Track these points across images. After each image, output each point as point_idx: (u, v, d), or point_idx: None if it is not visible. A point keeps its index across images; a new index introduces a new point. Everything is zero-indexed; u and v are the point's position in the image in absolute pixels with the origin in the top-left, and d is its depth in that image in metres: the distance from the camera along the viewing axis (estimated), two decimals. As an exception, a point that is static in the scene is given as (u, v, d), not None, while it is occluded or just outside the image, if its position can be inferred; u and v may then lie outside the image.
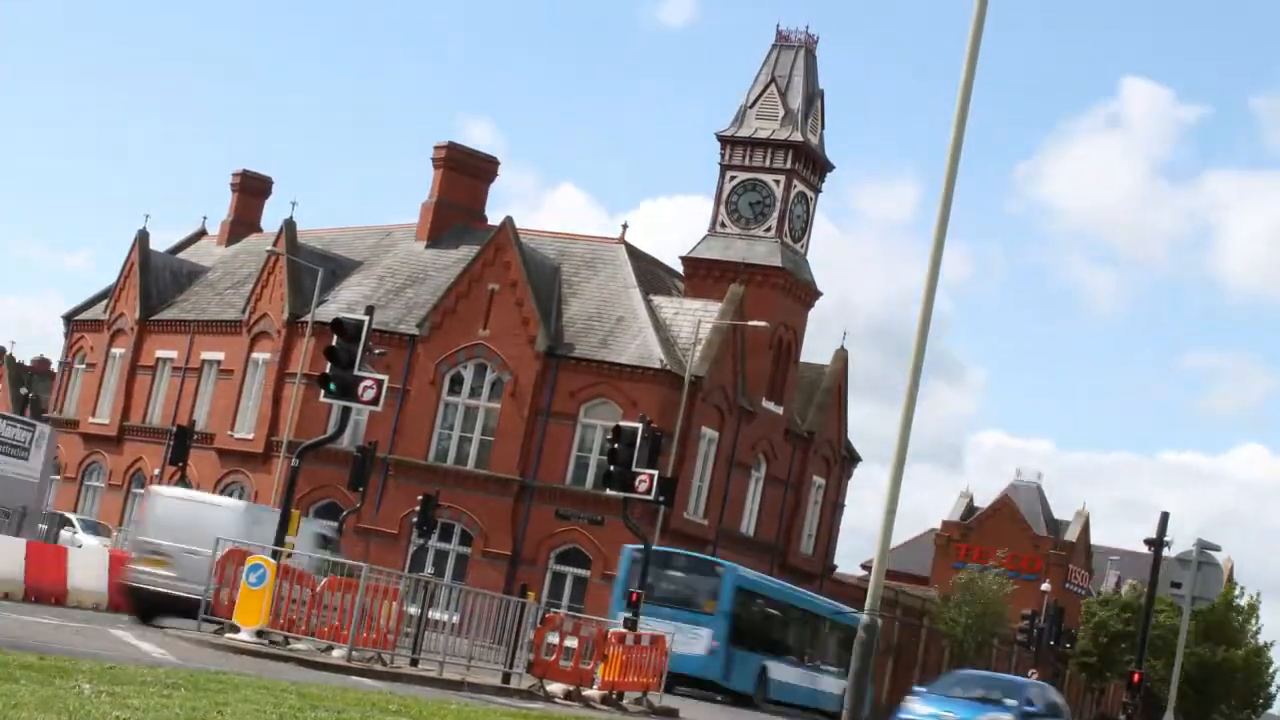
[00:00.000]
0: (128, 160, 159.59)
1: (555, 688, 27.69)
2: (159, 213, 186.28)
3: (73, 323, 72.38)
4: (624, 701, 29.51)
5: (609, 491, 35.30)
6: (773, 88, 60.01)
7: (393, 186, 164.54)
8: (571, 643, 28.38)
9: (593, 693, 28.62)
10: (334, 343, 25.81)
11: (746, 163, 59.50)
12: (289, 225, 61.49)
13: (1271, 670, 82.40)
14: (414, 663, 26.40)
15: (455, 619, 28.28)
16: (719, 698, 41.46)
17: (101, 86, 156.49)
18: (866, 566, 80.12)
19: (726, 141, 59.95)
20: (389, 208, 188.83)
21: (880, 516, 17.68)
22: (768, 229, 58.97)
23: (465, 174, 64.12)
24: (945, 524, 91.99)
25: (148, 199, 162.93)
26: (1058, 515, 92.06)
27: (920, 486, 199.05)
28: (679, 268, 60.51)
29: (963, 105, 17.39)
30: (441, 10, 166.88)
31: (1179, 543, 40.98)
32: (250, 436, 60.35)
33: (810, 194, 60.65)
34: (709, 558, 46.06)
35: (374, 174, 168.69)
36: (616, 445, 33.24)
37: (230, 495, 60.68)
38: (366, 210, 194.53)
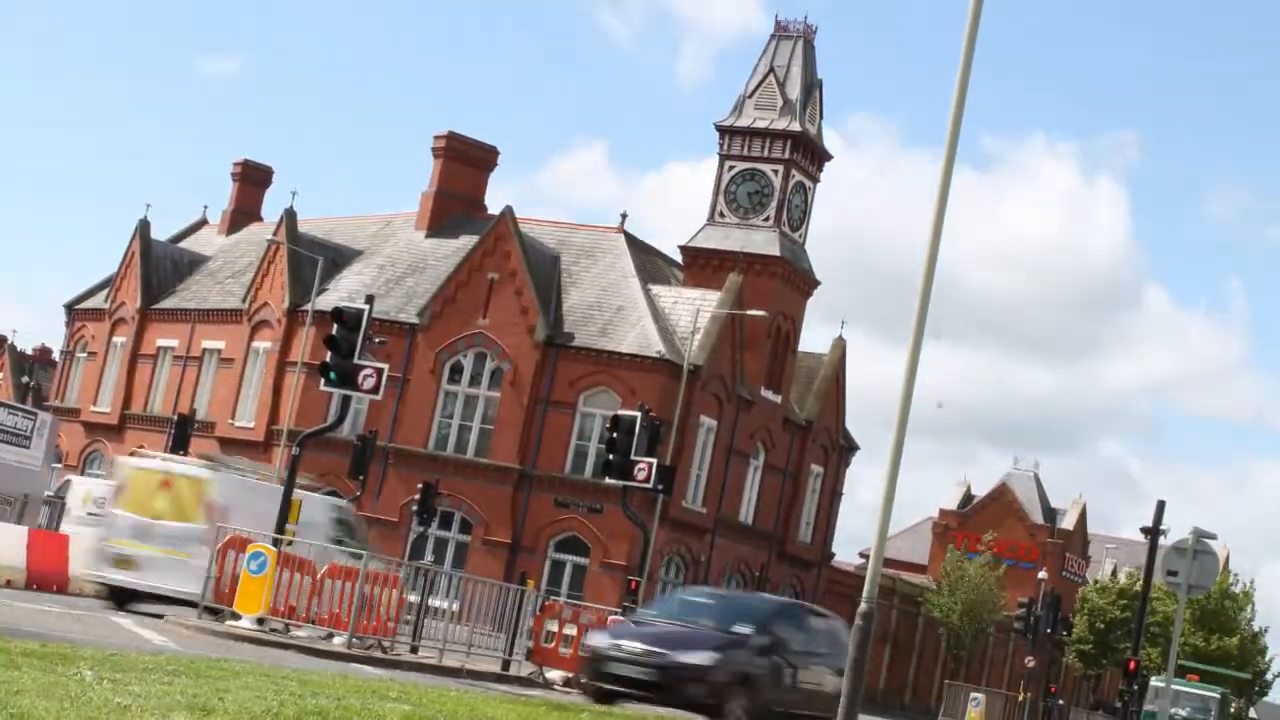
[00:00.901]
0: (129, 149, 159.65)
1: (554, 675, 27.85)
2: (160, 202, 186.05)
3: (74, 311, 72.49)
4: (623, 688, 29.66)
5: (608, 480, 35.46)
6: (771, 78, 60.07)
7: (393, 176, 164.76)
8: (571, 630, 28.56)
9: (592, 680, 28.78)
10: (334, 331, 25.94)
11: (745, 152, 59.57)
12: (289, 214, 61.59)
13: (1268, 658, 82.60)
14: (414, 650, 26.57)
15: (455, 606, 28.42)
16: None
17: (103, 76, 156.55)
18: (864, 554, 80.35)
19: (725, 131, 60.01)
20: (389, 197, 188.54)
21: (880, 504, 17.75)
22: (766, 218, 59.06)
23: (465, 163, 64.18)
24: (943, 512, 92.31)
25: (149, 188, 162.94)
26: (1054, 504, 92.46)
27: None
28: (678, 257, 60.60)
29: (961, 95, 17.46)
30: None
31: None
32: (251, 425, 60.49)
33: (809, 184, 60.72)
34: None
35: (374, 163, 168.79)
36: (615, 434, 33.38)
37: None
38: (366, 199, 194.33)
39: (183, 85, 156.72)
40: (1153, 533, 42.25)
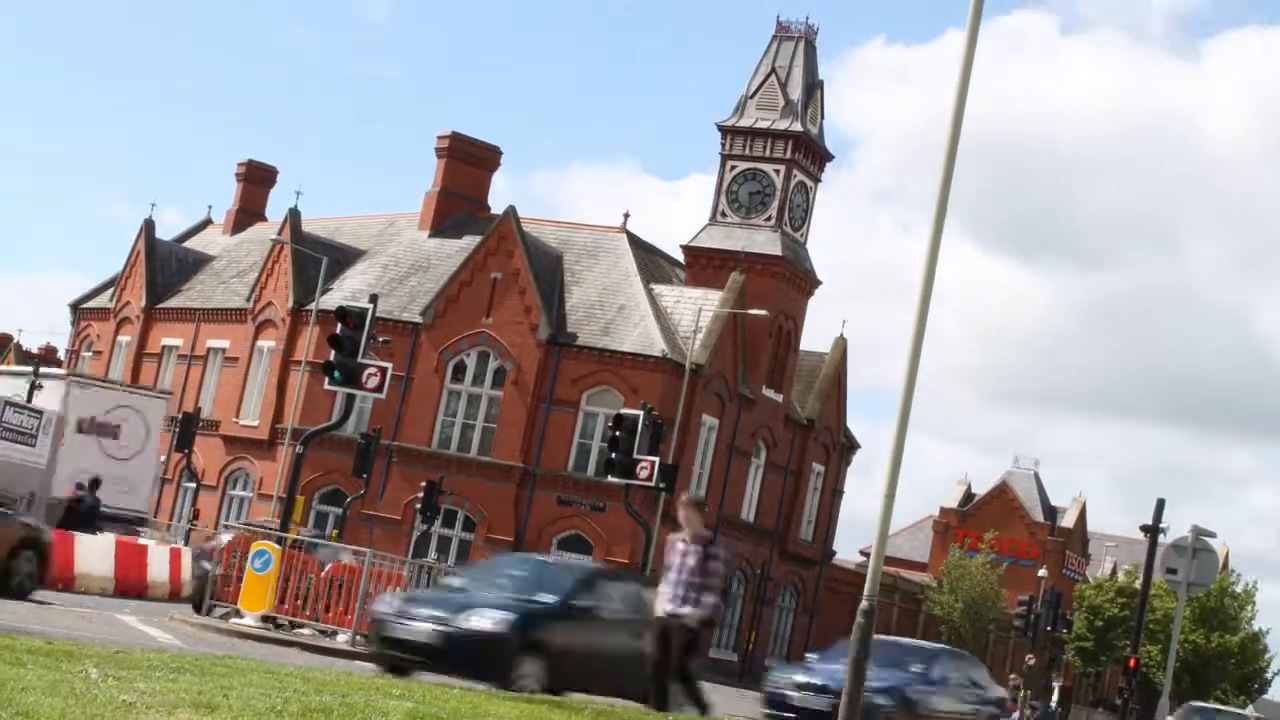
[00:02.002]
0: (134, 149, 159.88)
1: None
2: (165, 202, 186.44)
3: (79, 311, 72.67)
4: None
5: (611, 478, 35.70)
6: (773, 78, 60.25)
7: (396, 176, 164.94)
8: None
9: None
10: (338, 330, 26.12)
11: (747, 152, 59.75)
12: (294, 214, 61.75)
13: (1267, 656, 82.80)
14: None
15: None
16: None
17: (108, 76, 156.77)
18: (865, 552, 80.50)
19: (727, 131, 60.18)
20: (392, 197, 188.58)
21: (880, 502, 17.87)
22: (768, 218, 59.24)
23: (468, 163, 64.32)
24: (943, 510, 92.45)
25: (154, 188, 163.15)
26: (1055, 502, 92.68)
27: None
28: (680, 256, 60.78)
29: (961, 91, 17.58)
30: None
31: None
32: (255, 424, 60.67)
33: (810, 183, 60.89)
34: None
35: (378, 163, 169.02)
36: (618, 432, 33.60)
37: (236, 482, 61.02)
38: (370, 199, 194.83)
39: (188, 83, 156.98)
40: (1152, 531, 42.35)
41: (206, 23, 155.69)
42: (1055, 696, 67.13)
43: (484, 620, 18.27)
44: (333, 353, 26.15)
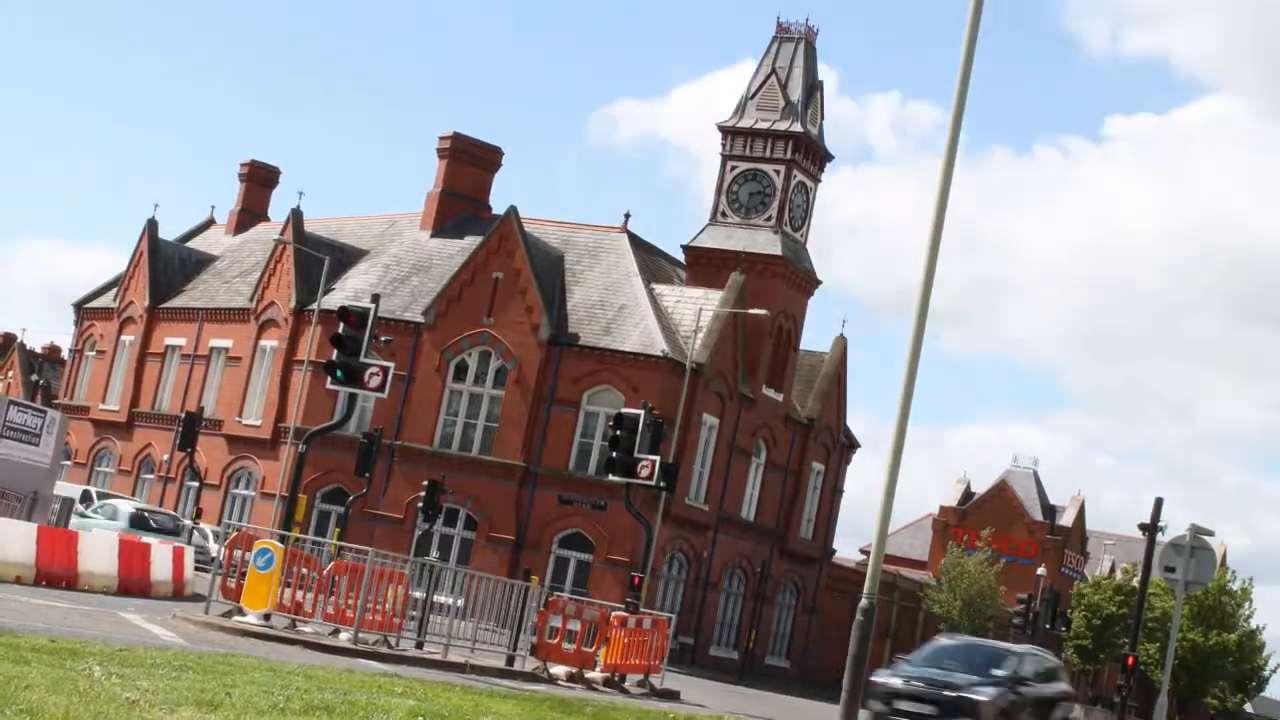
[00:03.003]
0: (137, 150, 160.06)
1: (558, 670, 28.20)
2: (168, 202, 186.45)
3: (83, 310, 72.84)
4: (626, 684, 29.99)
5: (611, 477, 35.69)
6: (773, 79, 60.38)
7: (398, 176, 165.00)
8: (574, 626, 28.95)
9: (595, 675, 29.12)
10: (341, 330, 26.25)
11: (747, 153, 59.89)
12: (296, 214, 61.90)
13: (1265, 654, 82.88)
14: (419, 645, 26.89)
15: (459, 603, 28.73)
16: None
17: (110, 77, 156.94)
18: (865, 551, 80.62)
19: (728, 132, 60.31)
20: (394, 197, 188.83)
21: (880, 500, 18.03)
22: (768, 218, 59.37)
23: (470, 164, 64.45)
24: (943, 509, 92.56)
25: (157, 188, 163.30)
26: (1054, 501, 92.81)
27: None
28: (681, 256, 60.91)
29: (961, 92, 17.71)
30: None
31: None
32: (258, 423, 60.85)
33: (810, 184, 61.00)
34: None
35: (380, 164, 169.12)
36: (619, 432, 33.63)
37: (239, 483, 61.19)
38: (372, 200, 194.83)
39: (191, 84, 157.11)
40: (1151, 529, 42.52)
41: (208, 22, 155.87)
42: None
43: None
44: (335, 352, 26.29)
